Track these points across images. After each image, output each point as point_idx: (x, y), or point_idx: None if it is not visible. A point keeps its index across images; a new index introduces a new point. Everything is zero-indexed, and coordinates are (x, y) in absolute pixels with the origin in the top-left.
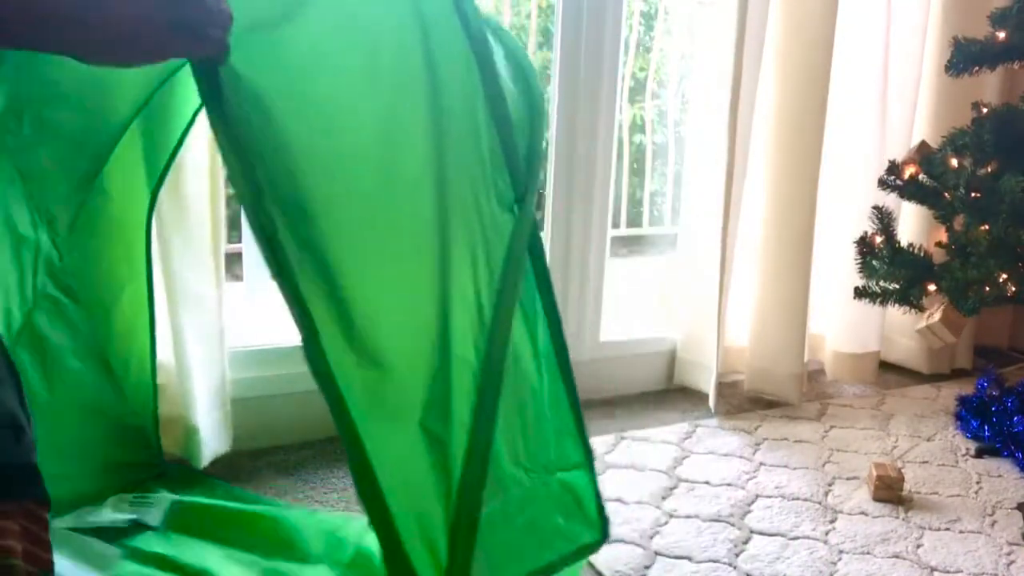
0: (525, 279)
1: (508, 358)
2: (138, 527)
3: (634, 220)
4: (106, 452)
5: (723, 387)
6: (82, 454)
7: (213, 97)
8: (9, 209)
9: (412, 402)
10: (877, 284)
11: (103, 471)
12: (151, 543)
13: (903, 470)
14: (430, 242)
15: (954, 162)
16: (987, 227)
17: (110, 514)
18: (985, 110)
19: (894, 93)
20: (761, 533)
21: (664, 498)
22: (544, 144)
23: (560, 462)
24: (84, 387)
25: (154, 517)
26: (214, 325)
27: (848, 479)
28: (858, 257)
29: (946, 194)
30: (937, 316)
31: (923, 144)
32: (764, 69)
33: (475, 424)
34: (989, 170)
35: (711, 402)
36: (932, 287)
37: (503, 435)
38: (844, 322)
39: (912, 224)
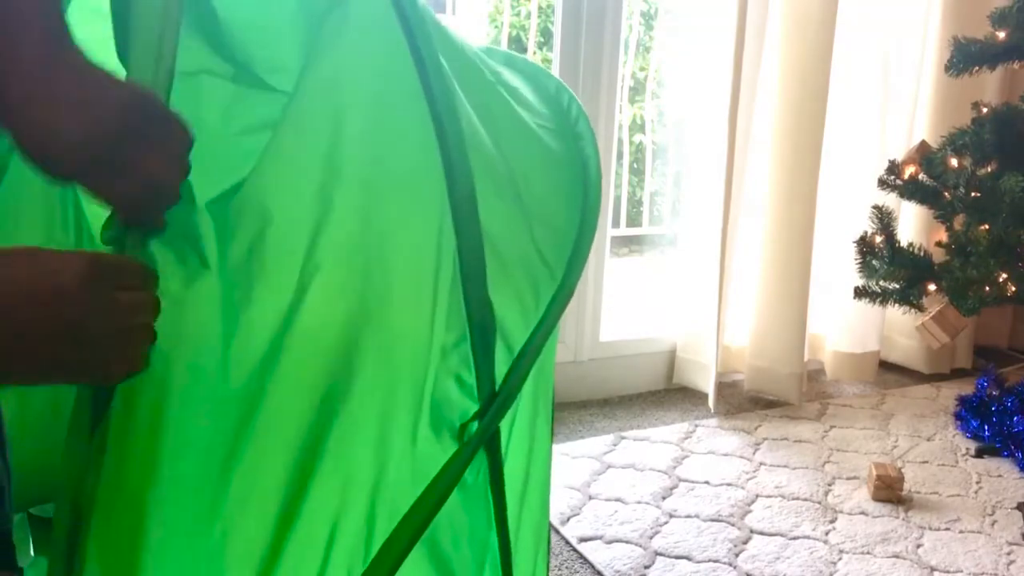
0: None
1: None
2: None
3: (634, 220)
4: None
5: (723, 387)
6: None
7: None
8: (51, 210)
9: None
10: (877, 284)
11: None
12: None
13: (903, 470)
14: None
15: (954, 162)
16: (987, 227)
17: None
18: (985, 110)
19: (894, 93)
20: (761, 533)
21: (664, 498)
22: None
23: None
24: None
25: None
26: None
27: (848, 479)
28: (858, 257)
29: (946, 194)
30: (933, 314)
31: (923, 144)
32: (764, 70)
33: None
34: (989, 170)
35: (711, 402)
36: (932, 287)
37: None
38: (844, 322)
39: (912, 224)
